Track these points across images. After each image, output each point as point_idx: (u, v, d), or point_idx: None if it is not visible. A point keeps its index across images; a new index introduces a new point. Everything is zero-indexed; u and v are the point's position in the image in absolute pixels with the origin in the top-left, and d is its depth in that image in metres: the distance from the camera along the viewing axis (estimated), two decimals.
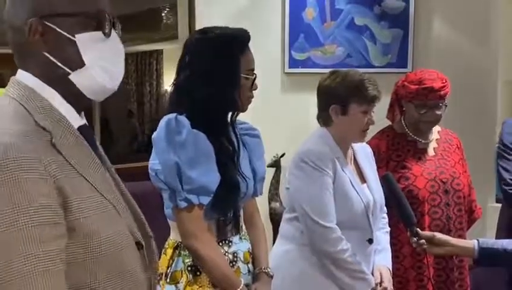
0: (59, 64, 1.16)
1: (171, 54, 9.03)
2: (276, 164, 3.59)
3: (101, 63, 1.19)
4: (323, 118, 2.31)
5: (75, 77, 1.17)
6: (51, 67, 1.16)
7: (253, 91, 1.94)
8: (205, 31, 1.93)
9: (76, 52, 1.16)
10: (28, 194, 1.01)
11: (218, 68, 1.85)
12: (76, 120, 1.19)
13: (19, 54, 1.19)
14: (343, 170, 2.24)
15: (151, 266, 1.28)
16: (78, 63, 1.17)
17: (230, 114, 1.94)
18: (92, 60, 1.18)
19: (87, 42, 1.17)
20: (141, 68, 9.83)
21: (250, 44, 1.92)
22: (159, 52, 9.69)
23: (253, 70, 1.93)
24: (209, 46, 1.87)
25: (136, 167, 5.26)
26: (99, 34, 1.18)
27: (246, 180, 1.93)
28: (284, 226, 2.37)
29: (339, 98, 2.23)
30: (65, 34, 1.15)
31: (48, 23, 1.14)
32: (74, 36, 1.16)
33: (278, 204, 3.58)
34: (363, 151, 2.41)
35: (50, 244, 1.02)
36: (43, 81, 1.16)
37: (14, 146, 1.02)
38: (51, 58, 1.16)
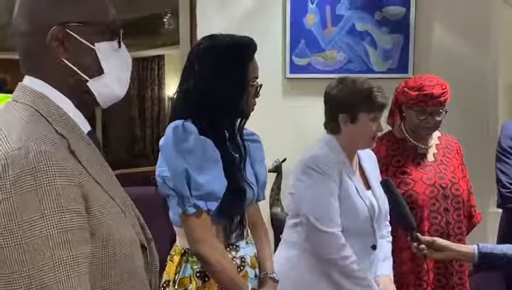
0: (78, 71, 1.18)
1: (172, 59, 9.06)
2: (277, 169, 3.59)
3: (115, 71, 1.22)
4: (332, 127, 2.31)
5: (93, 84, 1.20)
6: (69, 74, 1.18)
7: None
8: (213, 37, 1.93)
9: (95, 60, 1.19)
10: (58, 199, 1.02)
11: (228, 75, 1.85)
12: (85, 126, 1.21)
13: (30, 60, 1.19)
14: (349, 177, 2.25)
15: (152, 268, 1.30)
16: (96, 70, 1.19)
17: (238, 121, 1.95)
18: (109, 68, 1.20)
19: (105, 51, 1.20)
20: (143, 73, 9.83)
21: None
22: (161, 58, 9.70)
23: (257, 77, 1.94)
24: (219, 53, 1.87)
25: (135, 172, 5.27)
26: (114, 43, 1.22)
27: (251, 187, 1.94)
28: (287, 232, 2.37)
29: (347, 108, 2.23)
30: (85, 42, 1.17)
31: (69, 31, 1.16)
32: (94, 45, 1.18)
33: (279, 209, 3.58)
34: (368, 157, 2.41)
35: (79, 249, 1.04)
36: (55, 88, 1.17)
37: (45, 153, 1.03)
38: (70, 64, 1.17)
